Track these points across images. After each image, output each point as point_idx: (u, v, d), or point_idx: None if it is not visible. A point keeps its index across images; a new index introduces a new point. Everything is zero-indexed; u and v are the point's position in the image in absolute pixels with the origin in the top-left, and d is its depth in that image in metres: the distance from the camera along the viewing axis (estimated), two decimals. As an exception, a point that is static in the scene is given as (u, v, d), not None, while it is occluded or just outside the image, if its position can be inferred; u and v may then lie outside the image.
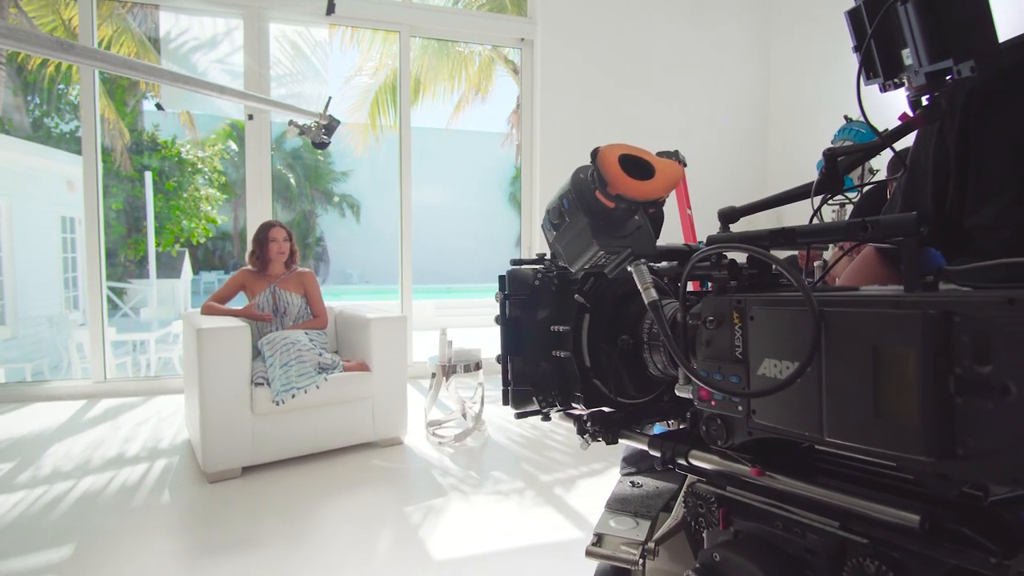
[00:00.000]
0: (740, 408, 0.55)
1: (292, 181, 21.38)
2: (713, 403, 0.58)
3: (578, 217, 0.62)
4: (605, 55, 4.99)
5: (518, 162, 4.94)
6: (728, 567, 0.59)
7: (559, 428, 3.45)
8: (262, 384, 2.69)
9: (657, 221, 0.68)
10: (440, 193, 22.01)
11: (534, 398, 0.84)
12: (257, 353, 2.87)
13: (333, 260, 22.53)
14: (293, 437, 2.80)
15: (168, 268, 12.23)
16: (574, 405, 0.80)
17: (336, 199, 21.88)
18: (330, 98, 2.63)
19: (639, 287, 0.61)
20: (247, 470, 2.72)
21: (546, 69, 4.87)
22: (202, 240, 13.90)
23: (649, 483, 1.02)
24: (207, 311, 3.00)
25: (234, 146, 20.71)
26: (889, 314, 0.43)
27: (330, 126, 2.71)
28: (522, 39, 4.94)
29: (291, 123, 2.50)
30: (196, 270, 19.53)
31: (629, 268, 0.62)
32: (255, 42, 4.18)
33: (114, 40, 6.40)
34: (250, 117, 4.10)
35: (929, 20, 0.68)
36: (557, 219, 0.64)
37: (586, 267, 0.64)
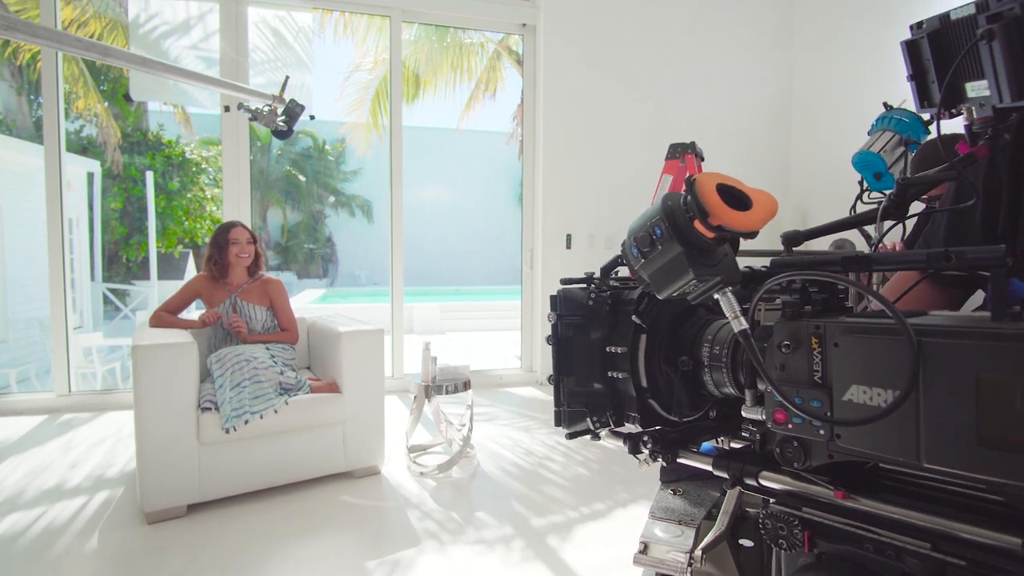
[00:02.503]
0: (822, 432, 0.56)
1: (301, 181, 21.19)
2: (790, 426, 0.59)
3: (671, 246, 0.62)
4: (614, 41, 4.58)
5: (521, 158, 4.54)
6: None
7: (556, 456, 3.06)
8: (210, 409, 2.33)
9: (733, 246, 0.68)
10: (446, 193, 21.72)
11: (588, 419, 0.84)
12: (208, 373, 2.51)
13: (342, 261, 22.32)
14: (249, 470, 2.44)
15: (171, 269, 12.03)
16: (627, 424, 0.83)
17: (344, 199, 21.64)
18: (287, 78, 2.27)
19: (728, 314, 0.62)
20: (194, 508, 2.37)
21: (550, 56, 4.48)
22: (206, 240, 13.71)
23: (691, 491, 1.02)
24: (156, 322, 2.65)
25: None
26: (993, 345, 0.44)
27: (291, 111, 2.34)
28: (524, 24, 4.56)
29: (240, 106, 2.14)
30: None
31: (716, 295, 0.63)
32: (232, 27, 3.85)
33: (79, 23, 6.12)
34: (226, 109, 3.77)
35: (1017, 59, 0.72)
36: (647, 247, 0.65)
37: (674, 294, 0.65)
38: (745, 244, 0.68)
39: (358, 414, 2.68)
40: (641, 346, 0.79)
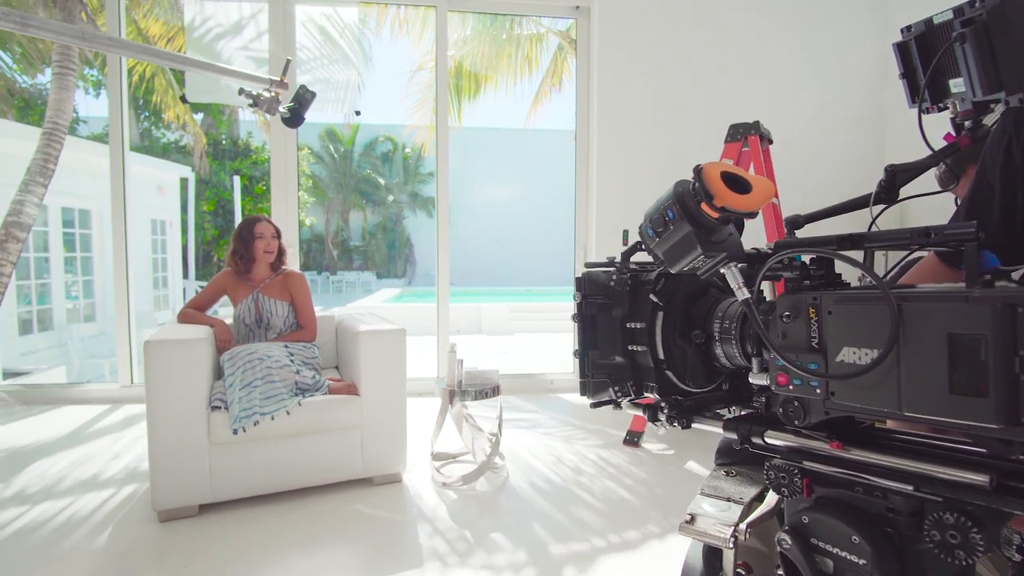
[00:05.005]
0: (819, 391, 0.63)
1: (381, 183, 21.88)
2: (791, 388, 0.66)
3: (682, 226, 0.69)
4: (676, 22, 4.20)
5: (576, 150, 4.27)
6: (817, 527, 0.69)
7: (592, 472, 2.77)
8: (220, 408, 2.27)
9: (739, 228, 0.74)
10: (516, 193, 21.63)
11: (610, 389, 0.92)
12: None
13: (419, 261, 22.84)
14: (261, 472, 2.35)
15: (257, 269, 12.75)
16: (646, 395, 0.90)
17: (422, 200, 22.12)
18: (288, 61, 2.16)
19: (732, 286, 0.69)
20: (206, 508, 2.31)
21: (604, 40, 4.17)
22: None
23: (744, 474, 1.06)
24: (184, 319, 2.64)
25: (332, 149, 21.56)
26: (963, 306, 0.51)
27: (301, 98, 2.22)
28: (577, 7, 4.28)
29: (240, 92, 2.05)
30: (291, 271, 20.47)
31: (722, 270, 0.70)
32: (280, 26, 3.87)
33: (167, 37, 6.48)
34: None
35: (986, 59, 0.84)
36: (661, 228, 0.71)
37: (685, 269, 0.72)
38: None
39: (377, 418, 2.54)
40: (658, 322, 0.86)
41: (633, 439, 3.20)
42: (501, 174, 21.78)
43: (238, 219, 11.53)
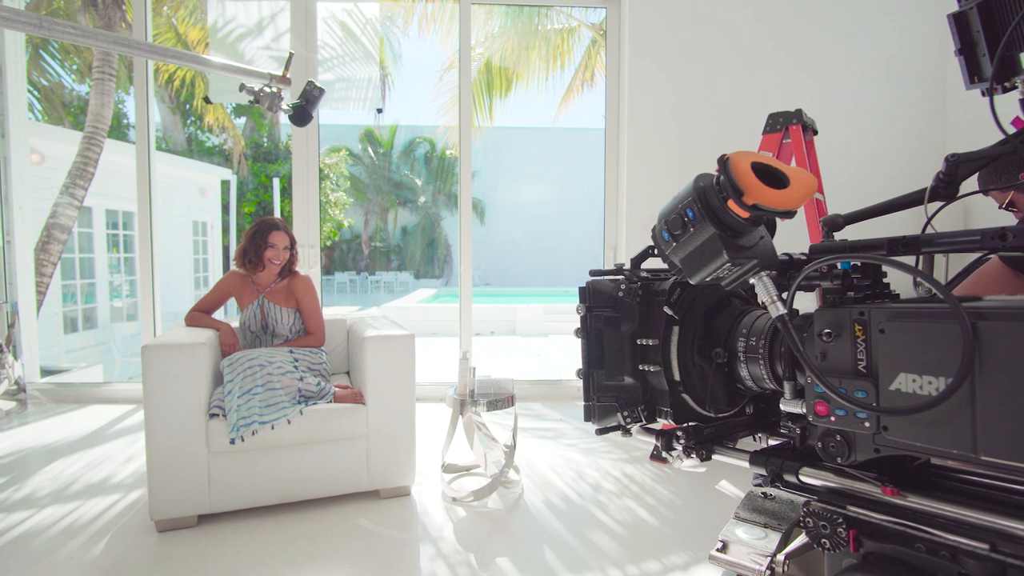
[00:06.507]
0: (867, 424, 0.54)
1: (418, 184, 22.03)
2: (833, 419, 0.56)
3: (704, 227, 0.59)
4: (714, 6, 3.93)
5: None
6: None
7: (615, 490, 2.56)
8: (218, 415, 2.18)
9: (770, 229, 0.65)
10: (554, 193, 21.38)
11: (619, 414, 0.84)
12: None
13: (457, 263, 22.91)
14: (261, 483, 2.26)
15: (296, 269, 12.97)
16: (659, 420, 0.80)
17: (458, 201, 22.15)
18: (291, 55, 2.05)
19: (764, 300, 0.60)
20: (204, 519, 2.23)
21: (636, 28, 3.94)
22: (327, 243, 14.65)
23: (782, 495, 0.90)
24: (191, 321, 2.58)
25: (371, 151, 21.86)
26: None
27: (308, 94, 2.12)
28: (607, -5, 4.07)
29: (242, 88, 1.95)
30: (331, 271, 20.87)
31: (752, 280, 0.61)
32: (301, 24, 3.82)
33: (205, 42, 6.58)
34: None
35: None
36: (679, 230, 0.61)
37: (707, 279, 0.62)
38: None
39: (384, 429, 2.42)
40: (673, 338, 0.77)
41: (660, 454, 2.97)
42: (538, 173, 21.60)
43: (277, 220, 11.74)
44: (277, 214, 11.51)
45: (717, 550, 0.86)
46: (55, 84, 8.83)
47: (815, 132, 2.76)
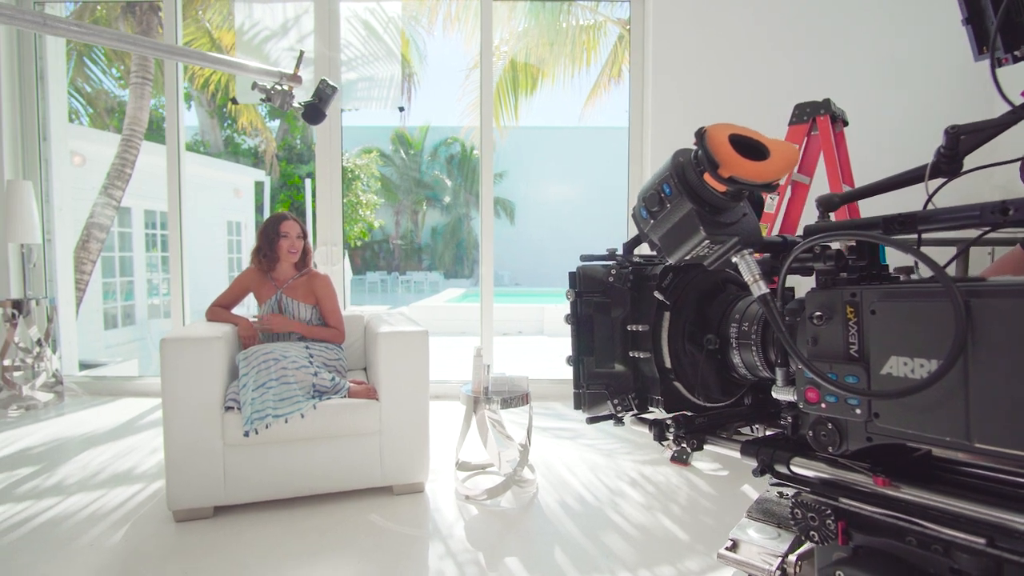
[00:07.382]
0: (858, 411, 0.51)
1: (448, 185, 22.17)
2: (823, 405, 0.54)
3: (681, 203, 0.57)
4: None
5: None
6: None
7: (632, 492, 2.50)
8: (233, 408, 2.21)
9: (757, 207, 0.62)
10: (584, 193, 21.24)
11: (609, 402, 0.82)
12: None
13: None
14: (275, 476, 2.28)
15: (328, 268, 13.22)
16: (651, 409, 0.79)
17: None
18: (302, 53, 2.06)
19: (746, 279, 0.57)
20: (221, 510, 2.27)
21: (660, 23, 3.86)
22: (358, 243, 14.89)
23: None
24: (211, 316, 2.63)
25: (402, 152, 22.10)
26: None
27: (321, 93, 2.13)
28: (630, -12, 4.00)
29: (254, 86, 1.97)
30: (362, 271, 21.18)
31: (734, 259, 0.58)
32: (325, 24, 3.86)
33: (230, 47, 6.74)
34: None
35: None
36: (656, 206, 0.60)
37: (686, 258, 0.60)
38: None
39: (397, 424, 2.41)
40: (664, 324, 0.76)
41: (682, 456, 2.89)
42: (568, 172, 21.49)
43: (310, 220, 11.96)
44: (310, 214, 11.72)
45: (727, 548, 0.84)
46: (99, 90, 9.19)
47: (845, 123, 2.64)
